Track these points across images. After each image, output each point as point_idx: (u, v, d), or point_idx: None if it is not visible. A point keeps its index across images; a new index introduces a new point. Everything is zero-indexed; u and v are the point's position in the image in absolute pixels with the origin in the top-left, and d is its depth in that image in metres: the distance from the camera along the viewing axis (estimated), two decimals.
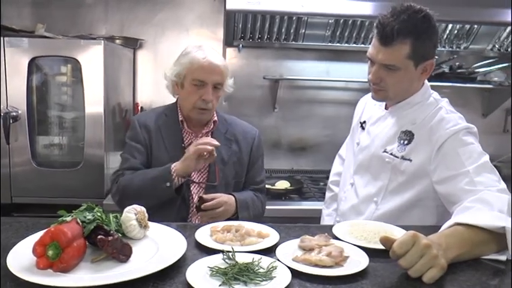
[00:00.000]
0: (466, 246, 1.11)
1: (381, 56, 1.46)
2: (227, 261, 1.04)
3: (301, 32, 2.94)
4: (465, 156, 1.40)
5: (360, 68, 3.22)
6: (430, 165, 1.47)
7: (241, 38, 2.99)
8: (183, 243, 1.13)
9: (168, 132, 1.81)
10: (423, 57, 1.48)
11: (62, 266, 0.95)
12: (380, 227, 1.31)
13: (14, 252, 1.03)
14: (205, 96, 1.71)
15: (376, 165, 1.61)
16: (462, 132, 1.45)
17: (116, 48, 2.78)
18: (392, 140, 1.58)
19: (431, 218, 1.54)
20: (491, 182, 1.35)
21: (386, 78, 1.50)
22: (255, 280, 0.96)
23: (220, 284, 0.94)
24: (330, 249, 1.10)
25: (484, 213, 1.20)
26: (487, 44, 2.98)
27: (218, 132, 1.85)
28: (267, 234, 1.23)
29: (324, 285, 0.99)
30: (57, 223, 1.05)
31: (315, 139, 3.38)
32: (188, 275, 0.97)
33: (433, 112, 1.54)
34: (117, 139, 2.79)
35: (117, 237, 1.03)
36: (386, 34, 1.42)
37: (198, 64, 1.72)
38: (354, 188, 1.71)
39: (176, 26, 3.09)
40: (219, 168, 1.79)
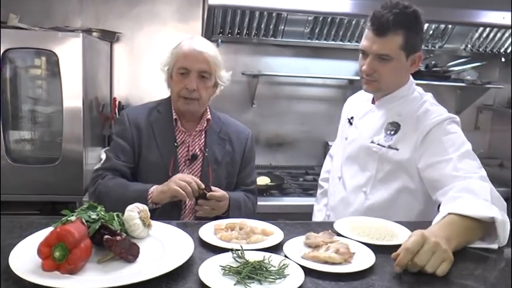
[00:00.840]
0: (462, 236, 1.17)
1: (376, 46, 1.53)
2: (237, 260, 1.03)
3: (281, 29, 2.93)
4: (449, 144, 1.49)
5: (338, 65, 3.29)
6: (415, 152, 1.55)
7: (220, 33, 2.96)
8: (189, 241, 1.11)
9: (160, 130, 1.74)
10: (413, 49, 1.56)
11: (69, 268, 0.92)
12: (380, 223, 1.34)
13: (15, 253, 0.99)
14: (188, 84, 1.65)
15: (364, 155, 1.67)
16: (446, 121, 1.54)
17: (93, 41, 2.70)
18: (379, 131, 1.65)
19: (418, 204, 1.62)
20: (473, 169, 1.43)
21: (379, 68, 1.56)
22: (269, 278, 0.95)
23: (235, 283, 0.93)
24: (337, 246, 1.11)
25: (473, 203, 1.26)
26: (460, 44, 3.07)
27: (212, 130, 1.80)
28: (272, 231, 1.23)
29: (335, 282, 1.00)
30: (60, 223, 1.01)
31: (293, 135, 3.40)
32: (201, 274, 0.95)
33: (418, 105, 1.62)
34: (94, 134, 2.72)
35: (125, 237, 1.01)
36: (382, 25, 1.49)
37: (182, 52, 1.68)
38: (342, 180, 1.76)
39: (154, 20, 3.04)
40: (212, 168, 1.75)
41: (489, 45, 3.07)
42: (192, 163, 1.75)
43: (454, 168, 1.44)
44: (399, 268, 1.02)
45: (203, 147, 1.77)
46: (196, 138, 1.77)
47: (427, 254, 1.02)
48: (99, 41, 2.80)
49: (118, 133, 1.77)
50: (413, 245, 1.02)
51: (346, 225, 1.32)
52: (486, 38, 3.01)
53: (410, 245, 1.02)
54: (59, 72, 2.39)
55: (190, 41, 1.72)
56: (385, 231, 1.27)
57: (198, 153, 1.76)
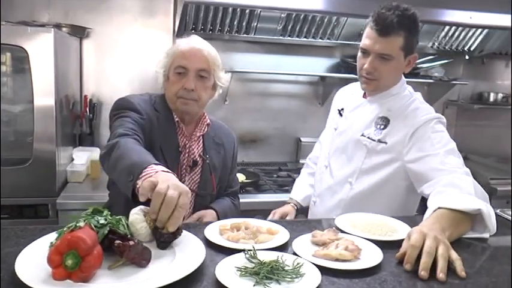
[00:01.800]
0: (452, 227, 1.24)
1: (378, 46, 1.58)
2: (251, 260, 1.03)
3: (253, 25, 2.92)
4: (436, 140, 1.57)
5: (309, 61, 3.32)
6: (403, 148, 1.62)
7: (192, 29, 2.93)
8: (197, 243, 1.10)
9: (163, 132, 1.63)
10: (411, 50, 1.63)
11: (83, 276, 0.89)
12: (379, 219, 1.38)
13: (21, 262, 0.94)
14: (186, 84, 1.57)
15: (353, 147, 1.74)
16: (434, 120, 1.62)
17: (63, 37, 2.60)
18: (369, 125, 1.71)
19: (400, 196, 1.72)
20: (457, 165, 1.53)
21: (380, 67, 1.61)
22: (286, 278, 0.96)
23: (254, 284, 0.93)
24: (346, 243, 1.12)
25: (460, 197, 1.34)
26: (427, 42, 3.17)
27: (208, 136, 1.74)
28: (277, 231, 1.23)
29: (349, 279, 1.01)
30: (68, 229, 0.97)
31: (265, 131, 3.41)
32: (219, 276, 0.94)
33: (408, 103, 1.70)
34: (65, 133, 2.62)
35: (138, 242, 0.98)
36: (386, 25, 1.54)
37: (180, 51, 1.61)
38: (329, 169, 1.82)
39: (124, 15, 2.96)
40: (214, 175, 1.72)
41: (454, 43, 3.19)
42: (192, 170, 1.69)
43: (441, 162, 1.51)
44: (409, 265, 1.06)
45: (202, 152, 1.72)
46: (195, 143, 1.71)
47: (431, 248, 1.06)
48: (68, 37, 2.70)
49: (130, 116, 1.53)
50: (416, 241, 1.08)
51: (347, 222, 1.34)
52: (452, 36, 3.12)
53: (414, 242, 1.08)
54: (29, 68, 2.28)
55: (187, 39, 1.65)
56: (386, 227, 1.30)
57: (198, 159, 1.70)
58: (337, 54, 3.35)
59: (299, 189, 2.06)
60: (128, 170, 1.16)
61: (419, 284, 1.02)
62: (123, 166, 1.20)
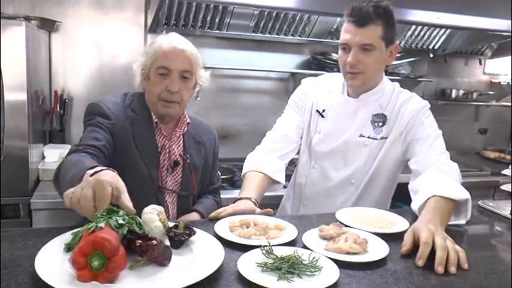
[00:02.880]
0: (446, 217, 1.35)
1: (359, 37, 1.58)
2: (268, 256, 1.05)
3: (226, 22, 2.93)
4: (427, 125, 1.68)
5: (280, 58, 3.35)
6: (401, 136, 1.71)
7: (164, 25, 2.90)
8: (213, 241, 1.11)
9: (140, 133, 1.59)
10: (391, 40, 1.64)
11: (109, 277, 0.88)
12: (378, 213, 1.45)
13: (41, 265, 0.92)
14: (170, 86, 1.54)
15: (352, 149, 1.74)
16: (426, 107, 1.73)
17: (33, 30, 2.50)
18: (365, 124, 1.72)
19: (393, 187, 1.83)
20: (443, 149, 1.67)
21: (363, 59, 1.61)
22: (307, 272, 0.99)
23: (278, 279, 0.96)
24: (353, 236, 1.17)
25: (451, 186, 1.45)
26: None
27: (188, 134, 1.71)
28: (285, 226, 1.26)
29: (363, 271, 1.06)
30: (88, 229, 0.95)
31: (236, 127, 3.42)
32: (243, 272, 0.96)
33: (395, 95, 1.75)
34: (35, 130, 2.53)
35: (160, 241, 0.98)
36: (363, 15, 1.56)
37: (161, 50, 1.55)
38: (321, 172, 1.80)
39: (95, 9, 2.86)
40: (195, 174, 1.71)
41: (420, 42, 3.33)
42: (173, 170, 1.67)
43: (431, 144, 1.65)
44: (422, 261, 1.12)
45: (182, 152, 1.69)
46: (175, 143, 1.68)
47: (443, 243, 1.14)
48: (37, 30, 2.60)
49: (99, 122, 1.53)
50: (428, 238, 1.16)
51: (348, 216, 1.39)
52: (418, 35, 3.26)
53: (426, 239, 1.15)
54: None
55: (168, 38, 1.59)
56: (385, 220, 1.37)
57: (179, 159, 1.68)
58: (307, 51, 3.39)
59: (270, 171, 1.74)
60: (70, 184, 1.09)
61: (427, 273, 1.08)
62: (67, 181, 1.16)
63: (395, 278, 1.05)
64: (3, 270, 0.94)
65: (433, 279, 1.06)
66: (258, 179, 1.66)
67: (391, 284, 1.02)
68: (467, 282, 1.06)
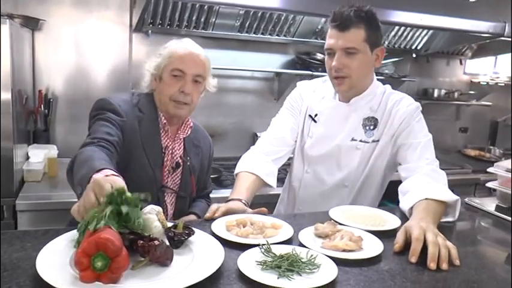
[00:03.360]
0: (438, 217, 1.40)
1: (341, 41, 1.60)
2: (266, 254, 1.07)
3: (212, 21, 2.94)
4: (418, 130, 1.69)
5: (264, 57, 3.36)
6: (392, 138, 1.71)
7: (150, 24, 2.90)
8: (212, 240, 1.12)
9: (147, 133, 1.63)
10: (376, 43, 1.65)
11: (113, 277, 0.88)
12: (370, 211, 1.48)
13: (43, 267, 0.91)
14: (183, 88, 1.59)
15: (344, 153, 1.75)
16: (418, 110, 1.73)
17: (17, 29, 2.47)
18: (356, 128, 1.73)
19: (384, 186, 1.84)
20: (433, 157, 1.67)
21: (348, 63, 1.62)
22: (306, 270, 1.01)
23: (278, 277, 0.97)
24: (348, 234, 1.19)
25: (441, 189, 1.50)
26: None
27: (188, 138, 1.75)
28: (280, 225, 1.28)
29: (360, 267, 1.09)
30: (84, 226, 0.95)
31: (222, 127, 3.43)
32: (244, 271, 0.98)
33: (385, 97, 1.75)
34: (19, 129, 2.49)
35: (162, 241, 0.99)
36: (344, 20, 1.58)
37: (178, 54, 1.61)
38: (314, 176, 1.81)
39: (79, 7, 2.83)
40: (195, 177, 1.73)
41: (403, 43, 3.39)
42: (174, 171, 1.70)
43: (421, 152, 1.64)
44: (415, 258, 1.15)
45: (183, 154, 1.73)
46: (177, 145, 1.72)
47: (435, 239, 1.17)
48: (21, 28, 2.56)
49: (110, 117, 1.54)
50: (420, 235, 1.19)
51: (341, 214, 1.42)
52: (401, 36, 3.32)
53: (418, 236, 1.18)
54: None
55: (182, 43, 1.65)
56: (377, 218, 1.41)
57: (180, 161, 1.71)
58: (292, 51, 3.42)
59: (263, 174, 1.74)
60: (79, 183, 1.15)
61: (420, 269, 1.11)
62: (76, 180, 1.18)
63: (390, 274, 1.08)
64: (4, 273, 0.93)
65: (426, 274, 1.09)
66: (249, 180, 1.67)
67: (387, 280, 1.05)
68: (459, 277, 1.10)
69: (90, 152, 1.30)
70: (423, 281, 1.06)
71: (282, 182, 2.64)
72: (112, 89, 2.93)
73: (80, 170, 1.20)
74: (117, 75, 2.97)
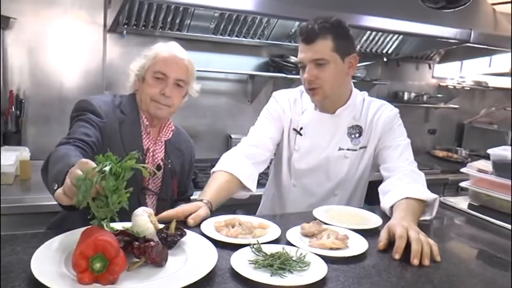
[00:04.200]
0: (417, 215, 1.46)
1: (310, 54, 1.63)
2: (257, 254, 1.09)
3: (186, 23, 2.94)
4: (398, 134, 1.76)
5: (238, 60, 3.39)
6: (377, 142, 1.77)
7: (125, 25, 2.88)
8: (204, 241, 1.14)
9: (128, 134, 1.64)
10: (347, 52, 1.66)
11: (111, 279, 0.89)
12: (352, 211, 1.53)
13: (38, 270, 0.90)
14: (164, 91, 1.62)
15: (333, 163, 1.77)
16: (397, 115, 1.81)
17: None
18: (342, 137, 1.77)
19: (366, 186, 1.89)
20: (412, 159, 1.74)
21: (319, 74, 1.63)
22: (297, 267, 1.04)
23: (271, 275, 1.00)
24: (334, 233, 1.23)
25: (421, 189, 1.56)
26: None
27: (170, 141, 1.77)
28: (268, 225, 1.31)
29: (347, 265, 1.13)
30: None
31: (196, 128, 3.42)
32: (238, 270, 1.00)
33: (366, 105, 1.80)
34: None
35: (158, 242, 1.00)
36: (309, 32, 1.61)
37: (161, 56, 1.63)
38: (303, 188, 1.82)
39: (52, 6, 2.79)
40: (176, 180, 1.74)
41: (374, 47, 3.49)
42: (155, 174, 1.71)
43: (401, 153, 1.71)
44: (399, 255, 1.19)
45: (164, 157, 1.74)
46: (158, 148, 1.73)
47: (417, 236, 1.22)
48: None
49: (90, 118, 1.54)
50: (403, 233, 1.23)
51: (325, 214, 1.46)
52: (372, 40, 3.41)
53: (402, 234, 1.23)
54: None
55: (168, 46, 1.67)
56: (360, 217, 1.46)
57: (161, 163, 1.72)
58: (265, 53, 3.46)
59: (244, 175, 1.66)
60: (54, 179, 1.13)
61: (404, 265, 1.16)
62: (52, 176, 1.17)
63: (376, 270, 1.12)
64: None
65: (409, 270, 1.14)
66: (221, 180, 1.59)
67: (374, 275, 1.09)
68: (440, 271, 1.15)
69: (65, 150, 1.30)
70: (407, 276, 1.11)
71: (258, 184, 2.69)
72: (86, 89, 2.89)
73: (55, 166, 1.19)
74: (90, 76, 2.93)
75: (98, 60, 2.94)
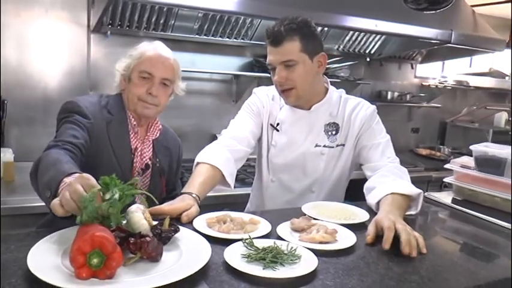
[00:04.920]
0: (403, 210, 1.48)
1: (278, 56, 1.64)
2: (249, 248, 1.11)
3: (171, 23, 2.95)
4: (378, 131, 1.78)
5: (222, 60, 3.41)
6: (355, 141, 1.79)
7: (109, 25, 2.87)
8: (197, 236, 1.16)
9: (116, 134, 1.64)
10: (314, 51, 1.67)
11: (109, 273, 0.90)
12: (340, 206, 1.57)
13: (35, 266, 0.91)
14: (151, 90, 1.62)
15: (310, 160, 1.79)
16: (375, 112, 1.81)
17: None
18: (319, 134, 1.79)
19: (346, 184, 1.91)
20: (394, 155, 1.77)
21: (290, 75, 1.65)
22: (288, 261, 1.06)
23: (263, 268, 1.02)
24: (323, 228, 1.26)
25: (406, 184, 1.59)
26: (334, 45, 3.46)
27: (158, 140, 1.78)
28: (258, 221, 1.33)
29: (336, 257, 1.16)
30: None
31: (182, 129, 3.41)
32: (232, 263, 1.02)
33: (343, 102, 1.81)
34: None
35: (153, 238, 1.01)
36: (275, 35, 1.62)
37: (147, 56, 1.63)
38: (280, 184, 1.84)
39: (33, 6, 2.76)
40: (163, 179, 1.75)
41: (357, 47, 3.54)
42: (143, 173, 1.71)
43: (382, 151, 1.74)
44: (388, 245, 1.22)
45: (152, 156, 1.75)
46: (146, 147, 1.73)
47: (405, 229, 1.25)
48: None
49: (77, 119, 1.54)
50: (391, 225, 1.26)
51: (312, 210, 1.49)
52: (355, 40, 3.46)
53: (390, 225, 1.25)
54: None
55: (153, 45, 1.67)
56: (347, 212, 1.49)
57: (149, 162, 1.73)
58: (249, 53, 3.48)
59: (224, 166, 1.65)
60: (47, 186, 1.14)
61: (392, 257, 1.19)
62: (44, 183, 1.18)
63: (365, 262, 1.15)
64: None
65: (396, 262, 1.17)
66: (207, 174, 1.59)
67: (363, 267, 1.12)
68: (426, 262, 1.19)
69: (56, 155, 1.29)
70: (394, 268, 1.14)
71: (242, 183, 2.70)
72: (70, 90, 2.87)
73: (46, 172, 1.20)
74: (75, 76, 2.92)
75: (82, 60, 2.92)
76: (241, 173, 2.95)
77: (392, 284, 1.03)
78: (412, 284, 1.04)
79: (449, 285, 1.07)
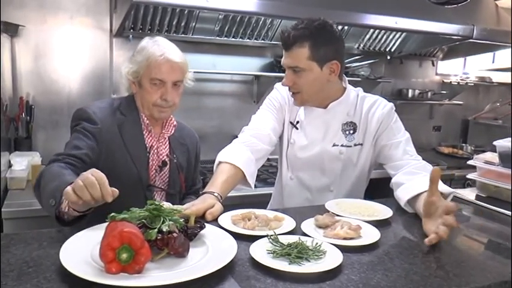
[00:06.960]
0: None
1: (286, 60, 1.65)
2: (274, 244, 1.13)
3: (192, 26, 2.98)
4: (397, 130, 1.76)
5: (244, 61, 3.43)
6: (373, 140, 1.77)
7: (131, 29, 2.92)
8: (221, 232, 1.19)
9: (130, 135, 1.67)
10: (325, 59, 1.63)
11: (137, 268, 0.93)
12: (363, 203, 1.58)
13: (67, 262, 0.95)
14: (165, 96, 1.63)
15: (328, 159, 1.78)
16: (392, 110, 1.78)
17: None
18: (336, 134, 1.77)
19: (366, 181, 1.89)
20: (415, 152, 1.75)
21: (296, 80, 1.66)
22: (314, 256, 1.07)
23: (289, 263, 1.04)
24: (347, 224, 1.27)
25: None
26: (354, 43, 3.45)
27: (173, 137, 1.80)
28: (283, 217, 1.35)
29: (361, 253, 1.17)
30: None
31: (203, 130, 3.44)
32: (258, 259, 1.04)
33: (360, 101, 1.79)
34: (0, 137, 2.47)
35: (180, 234, 1.04)
36: (285, 40, 1.62)
37: (156, 63, 1.61)
38: (299, 182, 1.84)
39: (59, 13, 2.83)
40: (182, 174, 1.78)
41: (377, 45, 3.52)
42: (161, 170, 1.74)
43: (404, 149, 1.72)
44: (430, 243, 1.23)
45: (169, 152, 1.77)
46: (162, 144, 1.76)
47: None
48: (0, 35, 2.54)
49: (84, 127, 1.60)
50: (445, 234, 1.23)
51: (336, 207, 1.50)
52: (375, 38, 3.44)
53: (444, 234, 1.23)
54: None
55: (158, 48, 1.65)
56: (370, 209, 1.49)
57: (166, 159, 1.75)
58: (269, 54, 3.49)
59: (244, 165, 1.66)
60: (50, 195, 1.24)
61: (415, 253, 1.20)
62: (48, 192, 1.27)
63: (389, 258, 1.16)
64: (28, 269, 0.97)
65: (420, 257, 1.18)
66: (229, 173, 1.60)
67: (387, 262, 1.13)
68: (451, 257, 1.20)
69: (58, 169, 1.39)
70: (419, 262, 1.14)
71: (265, 183, 2.72)
72: (93, 94, 2.94)
73: (50, 183, 1.29)
74: (98, 80, 2.98)
75: (105, 65, 2.98)
76: (262, 172, 2.97)
77: (417, 279, 1.04)
78: (438, 279, 1.05)
79: (476, 280, 1.07)
